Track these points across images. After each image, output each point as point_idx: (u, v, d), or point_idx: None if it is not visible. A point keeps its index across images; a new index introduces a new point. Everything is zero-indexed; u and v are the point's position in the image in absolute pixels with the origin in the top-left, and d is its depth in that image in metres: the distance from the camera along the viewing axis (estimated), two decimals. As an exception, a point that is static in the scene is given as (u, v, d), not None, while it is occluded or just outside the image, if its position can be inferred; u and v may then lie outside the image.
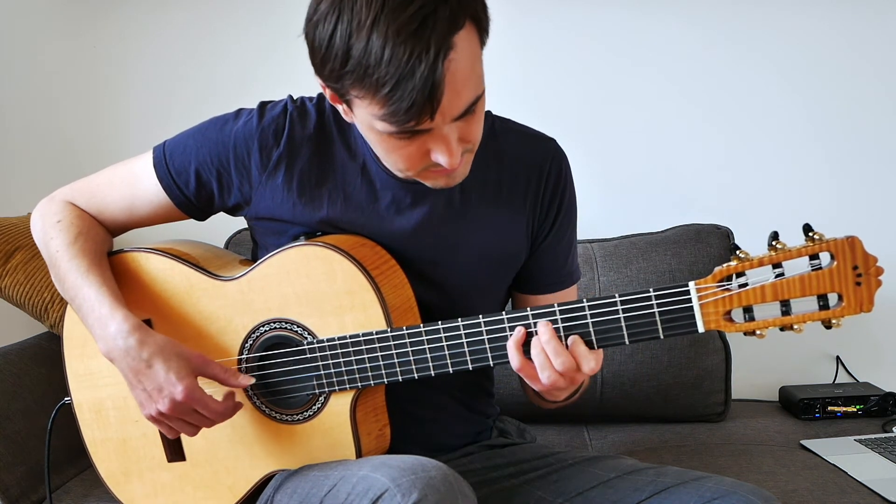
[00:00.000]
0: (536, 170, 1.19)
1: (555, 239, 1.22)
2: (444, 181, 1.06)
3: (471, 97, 0.97)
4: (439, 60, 0.90)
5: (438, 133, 0.98)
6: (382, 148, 1.03)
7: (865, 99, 2.01)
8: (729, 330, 0.95)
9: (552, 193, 1.20)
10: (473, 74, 0.96)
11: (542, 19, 2.04)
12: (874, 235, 1.13)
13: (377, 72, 0.91)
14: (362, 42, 0.90)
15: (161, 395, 1.07)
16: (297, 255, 1.11)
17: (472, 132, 1.02)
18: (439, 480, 0.96)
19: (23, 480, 1.53)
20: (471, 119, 1.00)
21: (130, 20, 2.13)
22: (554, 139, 1.23)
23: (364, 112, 0.98)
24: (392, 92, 0.91)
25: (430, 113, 0.93)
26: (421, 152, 1.01)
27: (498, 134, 1.20)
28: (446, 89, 0.92)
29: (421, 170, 1.04)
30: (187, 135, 1.20)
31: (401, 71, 0.90)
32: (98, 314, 1.11)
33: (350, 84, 0.95)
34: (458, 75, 0.93)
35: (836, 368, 2.05)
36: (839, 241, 0.89)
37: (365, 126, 1.02)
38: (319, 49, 0.95)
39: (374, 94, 0.93)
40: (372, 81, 0.92)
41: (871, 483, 1.46)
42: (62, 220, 1.20)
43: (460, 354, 1.05)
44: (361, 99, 0.96)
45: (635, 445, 1.71)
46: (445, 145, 0.99)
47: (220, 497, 1.20)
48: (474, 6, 0.95)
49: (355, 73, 0.92)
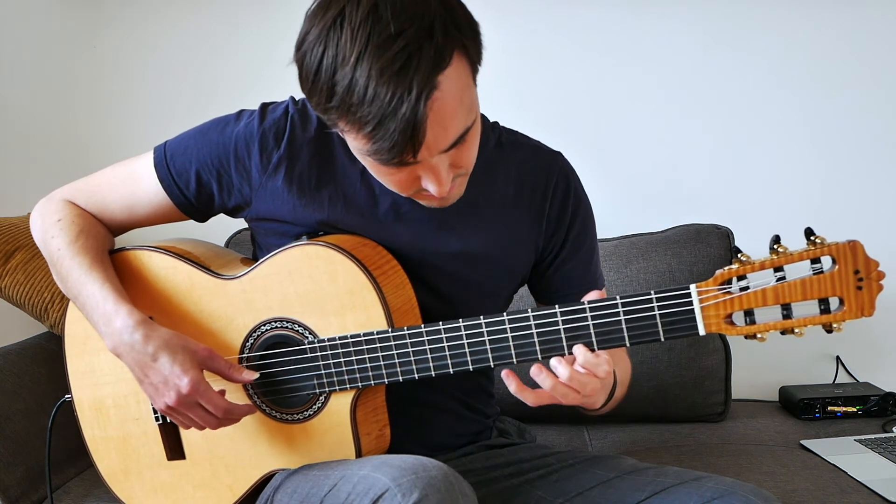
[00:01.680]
0: (542, 184, 1.20)
1: (573, 249, 1.22)
2: (438, 203, 1.07)
3: (459, 130, 0.97)
4: (421, 101, 0.90)
5: (427, 164, 0.98)
6: (375, 172, 1.05)
7: (866, 100, 2.01)
8: (730, 333, 0.95)
9: (560, 207, 1.20)
10: (461, 107, 0.96)
11: (541, 20, 2.04)
12: (874, 236, 1.14)
13: (360, 110, 0.91)
14: (346, 79, 0.91)
15: (167, 388, 1.08)
16: (299, 255, 1.11)
17: (463, 159, 1.02)
18: (440, 480, 0.96)
19: (23, 480, 1.53)
20: (462, 147, 1.00)
21: (131, 20, 2.12)
22: (560, 153, 1.23)
23: (352, 143, 1.00)
24: (374, 131, 0.91)
25: (413, 152, 0.93)
26: (411, 178, 1.01)
27: (505, 146, 1.21)
28: (431, 126, 0.92)
29: (414, 193, 1.05)
30: (188, 136, 1.20)
31: (383, 111, 0.90)
32: (102, 310, 1.11)
33: (336, 118, 0.95)
34: (444, 111, 0.93)
35: (836, 368, 2.05)
36: (841, 246, 0.89)
37: (356, 152, 1.03)
38: (307, 79, 0.96)
39: (357, 131, 0.94)
40: (355, 119, 0.92)
41: (871, 483, 1.46)
42: (63, 218, 1.20)
43: (461, 355, 1.05)
44: (347, 133, 0.97)
45: (635, 445, 1.71)
46: (434, 175, 0.99)
47: (219, 496, 1.20)
48: (461, 39, 0.94)
49: (340, 108, 0.93)
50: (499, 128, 1.23)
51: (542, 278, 1.24)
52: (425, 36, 0.90)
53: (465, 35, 0.95)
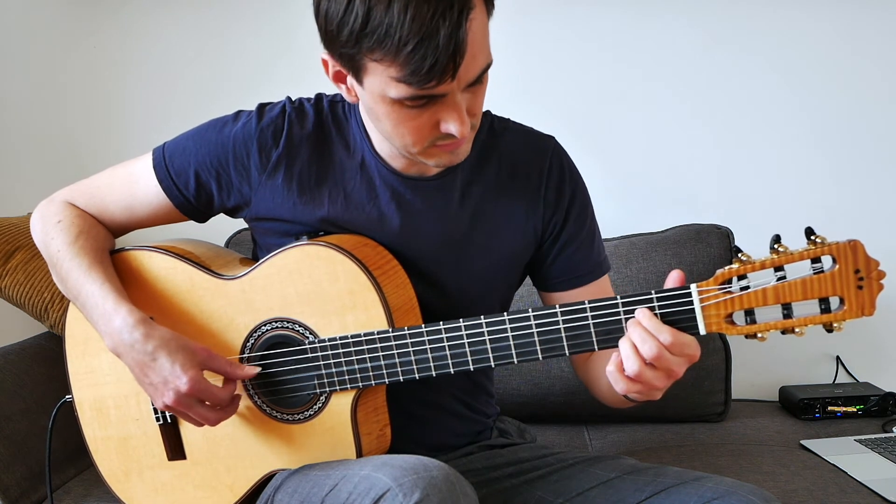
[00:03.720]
0: (537, 168, 1.20)
1: (574, 231, 1.22)
2: (449, 158, 1.06)
3: (483, 63, 0.98)
4: (463, 18, 0.91)
5: (451, 100, 0.98)
6: (391, 120, 1.02)
7: (867, 100, 2.01)
8: (730, 333, 0.95)
9: (557, 190, 1.20)
10: (486, 41, 0.98)
11: (541, 20, 2.04)
12: (875, 236, 1.14)
13: (400, 31, 0.91)
14: (384, 2, 0.91)
15: (167, 388, 1.08)
16: (299, 255, 1.11)
17: (477, 104, 1.03)
18: (441, 480, 0.96)
19: (23, 480, 1.53)
20: (478, 90, 1.01)
21: (131, 20, 2.13)
22: (553, 136, 1.24)
23: (379, 79, 0.97)
24: (415, 50, 0.91)
25: (452, 72, 0.93)
26: (431, 123, 1.01)
27: (497, 133, 1.21)
28: (468, 49, 0.93)
29: (428, 145, 1.04)
30: (187, 137, 1.20)
31: (425, 29, 0.90)
32: (102, 310, 1.11)
33: (368, 47, 0.94)
34: (476, 38, 0.95)
35: (836, 368, 2.06)
36: (841, 245, 0.89)
37: (376, 96, 1.00)
38: (335, 15, 0.95)
39: (395, 55, 0.92)
40: (394, 41, 0.91)
41: (871, 483, 1.46)
42: (63, 220, 1.20)
43: (462, 354, 1.05)
44: (379, 62, 0.95)
45: (635, 445, 1.71)
46: (457, 112, 0.99)
47: (220, 496, 1.20)
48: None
49: (376, 33, 0.92)
50: (490, 115, 1.23)
51: (545, 265, 1.23)
52: None
53: None
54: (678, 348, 0.95)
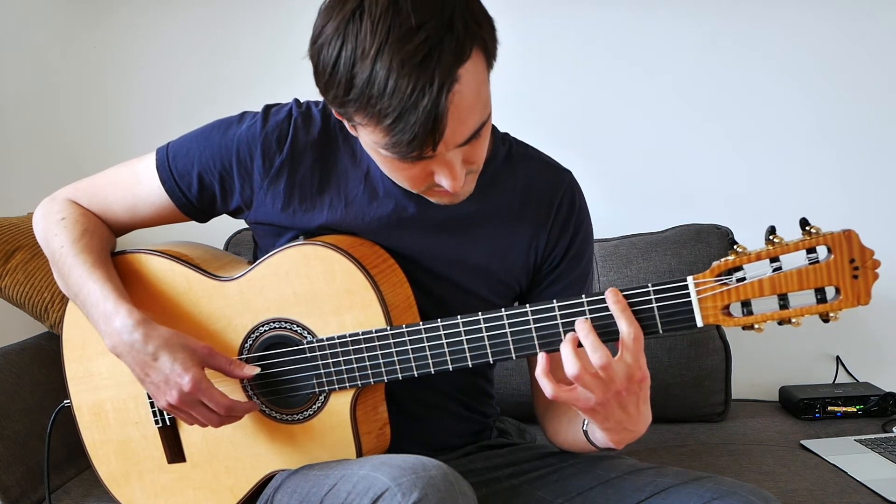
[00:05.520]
0: (547, 199, 1.19)
1: (568, 267, 1.21)
2: (449, 199, 1.06)
3: (476, 124, 0.97)
4: (443, 94, 0.89)
5: (442, 159, 0.97)
6: (386, 168, 1.04)
7: (864, 98, 2.01)
8: (727, 324, 0.94)
9: (563, 224, 1.19)
10: (479, 102, 0.96)
11: (541, 20, 2.04)
12: (874, 235, 1.13)
13: (380, 102, 0.90)
14: (366, 71, 0.90)
15: (169, 387, 1.07)
16: (296, 255, 1.11)
17: (476, 155, 1.02)
18: (440, 480, 0.96)
19: (23, 480, 1.53)
20: (476, 143, 0.99)
21: (131, 20, 2.13)
22: (570, 171, 1.23)
23: (367, 137, 0.98)
24: (394, 124, 0.91)
25: (433, 145, 0.93)
26: (425, 174, 1.01)
27: (514, 159, 1.20)
28: (450, 120, 0.91)
29: (425, 189, 1.04)
30: (190, 137, 1.20)
31: (404, 104, 0.89)
32: (102, 309, 1.11)
33: (353, 111, 0.94)
34: (462, 105, 0.93)
35: (836, 368, 2.05)
36: (836, 235, 0.89)
37: (369, 148, 1.02)
38: (323, 73, 0.95)
39: (376, 124, 0.93)
40: (375, 111, 0.91)
41: (871, 483, 1.46)
42: (66, 217, 1.20)
43: (460, 352, 1.05)
44: (364, 126, 0.96)
45: (635, 445, 1.71)
46: (449, 170, 0.99)
47: (220, 498, 1.20)
48: (481, 34, 0.94)
49: (358, 101, 0.92)
50: (509, 140, 1.22)
51: (532, 294, 1.23)
52: (446, 29, 0.90)
53: (484, 29, 0.95)
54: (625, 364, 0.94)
